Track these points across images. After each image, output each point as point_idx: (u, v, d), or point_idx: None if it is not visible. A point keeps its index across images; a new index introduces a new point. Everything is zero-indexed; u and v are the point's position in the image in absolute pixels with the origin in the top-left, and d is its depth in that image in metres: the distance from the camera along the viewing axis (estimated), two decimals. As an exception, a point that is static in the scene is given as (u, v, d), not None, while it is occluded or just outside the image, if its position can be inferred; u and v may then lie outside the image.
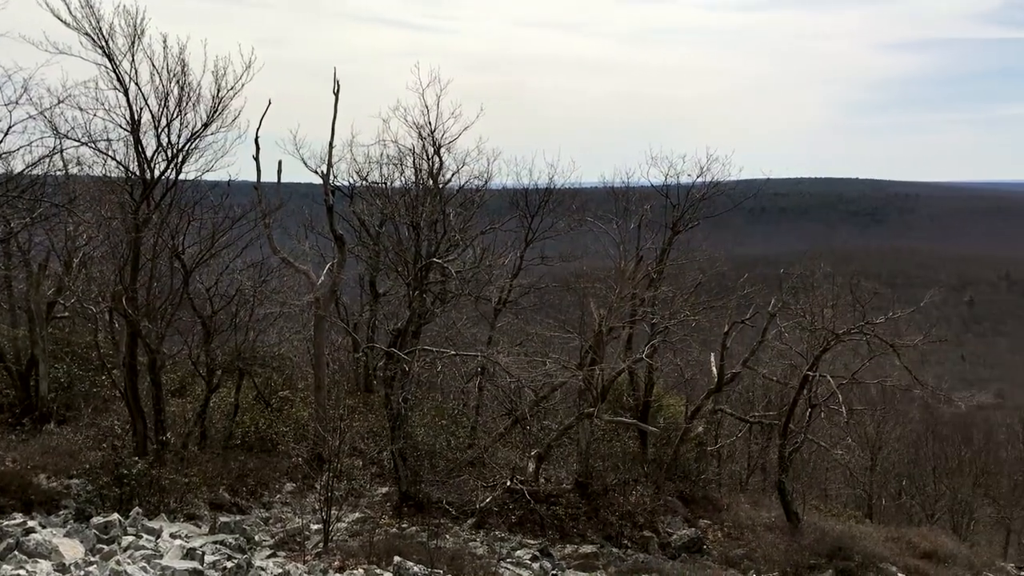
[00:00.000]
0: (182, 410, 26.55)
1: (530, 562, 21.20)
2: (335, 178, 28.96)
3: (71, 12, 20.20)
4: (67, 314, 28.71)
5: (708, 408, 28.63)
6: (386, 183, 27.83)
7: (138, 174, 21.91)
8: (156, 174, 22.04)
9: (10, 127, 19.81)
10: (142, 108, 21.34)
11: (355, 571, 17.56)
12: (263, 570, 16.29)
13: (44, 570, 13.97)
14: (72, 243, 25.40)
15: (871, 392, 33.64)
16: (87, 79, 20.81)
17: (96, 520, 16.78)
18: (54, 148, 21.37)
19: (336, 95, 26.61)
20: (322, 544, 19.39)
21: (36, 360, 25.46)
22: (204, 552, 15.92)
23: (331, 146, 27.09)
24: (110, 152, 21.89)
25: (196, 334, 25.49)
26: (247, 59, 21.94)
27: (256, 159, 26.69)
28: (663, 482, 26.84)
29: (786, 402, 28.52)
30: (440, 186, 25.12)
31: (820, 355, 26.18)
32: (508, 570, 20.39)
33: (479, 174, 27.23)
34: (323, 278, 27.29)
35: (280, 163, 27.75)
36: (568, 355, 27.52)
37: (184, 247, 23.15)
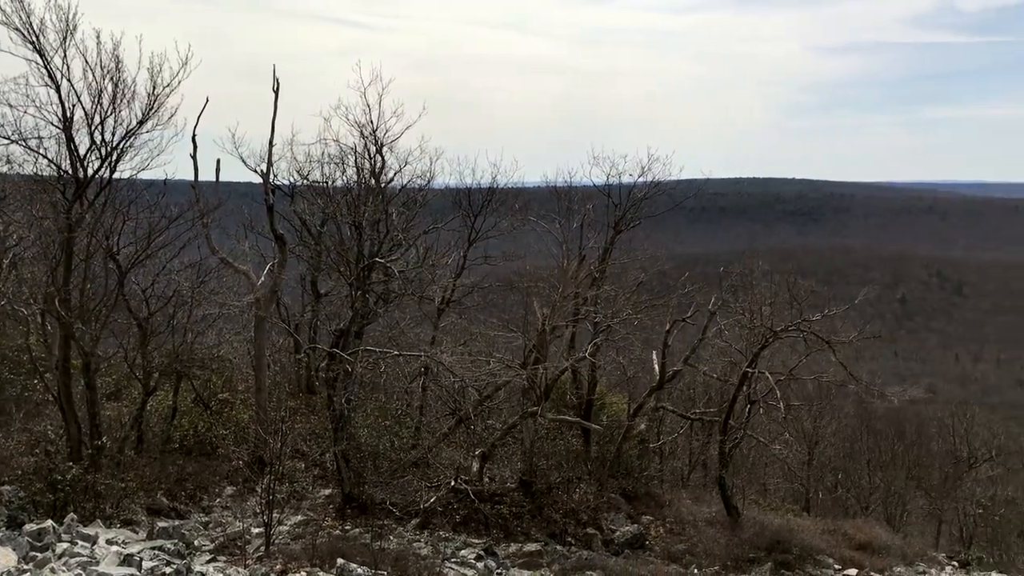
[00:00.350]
0: (118, 414, 26.08)
1: (475, 561, 21.24)
2: (275, 177, 28.82)
3: (0, 7, 19.74)
4: (-3, 316, 27.94)
5: (650, 406, 28.95)
6: (327, 182, 27.69)
7: (71, 173, 21.48)
8: (89, 172, 21.66)
9: (-64, 124, 19.33)
10: (75, 105, 21.00)
11: (298, 574, 17.46)
12: (203, 575, 16.08)
13: (-26, 579, 13.62)
14: (2, 243, 24.72)
15: (808, 388, 34.30)
16: (17, 75, 20.37)
17: (29, 527, 16.45)
18: (-19, 146, 20.86)
19: (276, 93, 26.40)
20: (264, 548, 19.20)
21: (-36, 364, 24.78)
22: (142, 558, 15.69)
23: (271, 144, 26.91)
24: (41, 150, 21.48)
25: (132, 336, 25.06)
26: (184, 56, 21.73)
27: (194, 157, 26.30)
28: (606, 479, 27.08)
29: (726, 399, 28.93)
30: (382, 185, 24.97)
31: (759, 352, 26.61)
32: (453, 570, 20.39)
33: (422, 173, 27.14)
34: (263, 278, 26.99)
35: (218, 162, 27.50)
36: (512, 354, 27.58)
37: (119, 247, 22.69)
